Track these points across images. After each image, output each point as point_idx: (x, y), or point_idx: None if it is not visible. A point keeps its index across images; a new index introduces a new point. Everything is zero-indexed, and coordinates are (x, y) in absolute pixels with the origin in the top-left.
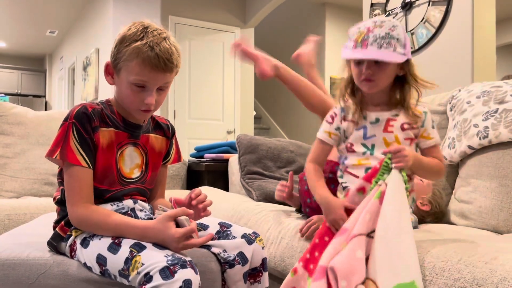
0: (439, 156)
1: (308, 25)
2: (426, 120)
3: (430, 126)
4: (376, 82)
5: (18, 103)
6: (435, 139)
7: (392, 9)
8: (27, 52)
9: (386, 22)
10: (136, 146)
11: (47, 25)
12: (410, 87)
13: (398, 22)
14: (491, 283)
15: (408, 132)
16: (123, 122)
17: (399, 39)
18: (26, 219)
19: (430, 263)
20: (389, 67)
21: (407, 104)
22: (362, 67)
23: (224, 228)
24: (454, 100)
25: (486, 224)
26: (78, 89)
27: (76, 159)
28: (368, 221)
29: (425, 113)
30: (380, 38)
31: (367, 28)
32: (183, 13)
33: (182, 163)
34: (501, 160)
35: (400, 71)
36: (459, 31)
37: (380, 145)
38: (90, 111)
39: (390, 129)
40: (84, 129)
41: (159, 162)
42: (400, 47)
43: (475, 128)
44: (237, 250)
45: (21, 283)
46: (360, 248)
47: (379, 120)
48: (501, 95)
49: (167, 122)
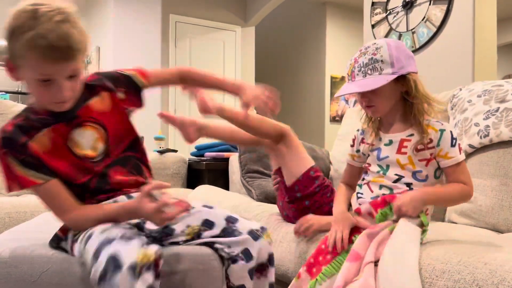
0: (461, 178)
1: (309, 24)
2: (442, 139)
3: (448, 145)
4: (376, 107)
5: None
6: (455, 158)
7: (393, 8)
8: None
9: (370, 48)
10: (81, 125)
11: None
12: (418, 103)
13: (383, 42)
14: (491, 284)
15: (424, 152)
16: (51, 116)
17: (384, 60)
18: (26, 217)
19: (430, 265)
20: (384, 90)
21: (417, 122)
22: (360, 96)
23: (230, 223)
24: (455, 99)
25: (486, 223)
26: None
27: (32, 181)
28: (376, 250)
29: (442, 131)
30: (364, 66)
31: (354, 59)
32: (184, 11)
33: (182, 162)
34: (502, 159)
35: (403, 88)
36: (460, 30)
37: (394, 165)
38: (10, 132)
39: (403, 150)
40: (18, 152)
41: (119, 118)
42: (387, 67)
43: (476, 127)
44: (242, 247)
45: (23, 281)
46: (371, 276)
47: (392, 141)
48: (502, 94)
49: (97, 75)
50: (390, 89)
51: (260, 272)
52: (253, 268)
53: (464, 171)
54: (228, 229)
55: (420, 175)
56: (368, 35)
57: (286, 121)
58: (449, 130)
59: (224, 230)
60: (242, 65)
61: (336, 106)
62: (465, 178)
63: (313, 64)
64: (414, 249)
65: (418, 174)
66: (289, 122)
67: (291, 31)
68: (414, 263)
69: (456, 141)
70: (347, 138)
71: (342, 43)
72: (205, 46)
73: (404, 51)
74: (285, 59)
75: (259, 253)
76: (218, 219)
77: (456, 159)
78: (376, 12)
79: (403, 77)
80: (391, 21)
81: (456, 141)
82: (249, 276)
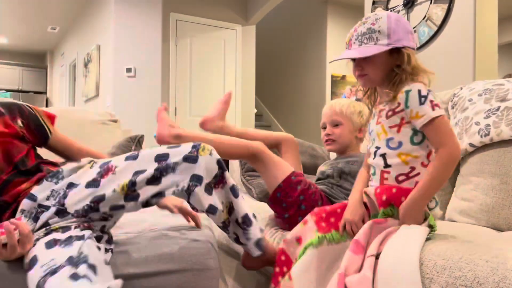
0: (437, 138)
1: (310, 22)
2: (409, 99)
3: (416, 104)
4: (368, 76)
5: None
6: (426, 115)
7: (394, 7)
8: (29, 49)
9: (370, 18)
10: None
11: (48, 21)
12: (403, 75)
13: (384, 14)
14: (492, 282)
15: (393, 118)
16: None
17: (381, 31)
18: None
19: (431, 261)
20: (376, 60)
21: (391, 87)
22: (354, 65)
23: (162, 162)
24: (456, 98)
25: (486, 222)
26: (79, 86)
27: None
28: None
29: (407, 92)
30: (361, 35)
31: (354, 29)
32: (185, 10)
33: None
34: (502, 158)
35: (396, 61)
36: (461, 29)
37: (376, 138)
38: None
39: (379, 120)
40: None
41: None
42: (383, 38)
43: (477, 126)
44: (187, 175)
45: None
46: (370, 268)
47: (374, 114)
48: (503, 93)
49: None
50: (383, 60)
51: (218, 183)
52: (209, 184)
53: (440, 129)
54: (161, 167)
55: (392, 142)
56: None
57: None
58: (417, 89)
59: (157, 169)
60: (243, 64)
61: None
62: (441, 137)
63: (314, 63)
64: (416, 245)
65: (390, 142)
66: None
67: (291, 30)
68: (415, 259)
69: (425, 98)
70: None
71: (343, 42)
72: (205, 45)
73: (404, 25)
74: (285, 57)
75: (207, 169)
76: (147, 165)
77: (427, 117)
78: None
79: (397, 50)
80: None
81: (425, 99)
82: (208, 193)
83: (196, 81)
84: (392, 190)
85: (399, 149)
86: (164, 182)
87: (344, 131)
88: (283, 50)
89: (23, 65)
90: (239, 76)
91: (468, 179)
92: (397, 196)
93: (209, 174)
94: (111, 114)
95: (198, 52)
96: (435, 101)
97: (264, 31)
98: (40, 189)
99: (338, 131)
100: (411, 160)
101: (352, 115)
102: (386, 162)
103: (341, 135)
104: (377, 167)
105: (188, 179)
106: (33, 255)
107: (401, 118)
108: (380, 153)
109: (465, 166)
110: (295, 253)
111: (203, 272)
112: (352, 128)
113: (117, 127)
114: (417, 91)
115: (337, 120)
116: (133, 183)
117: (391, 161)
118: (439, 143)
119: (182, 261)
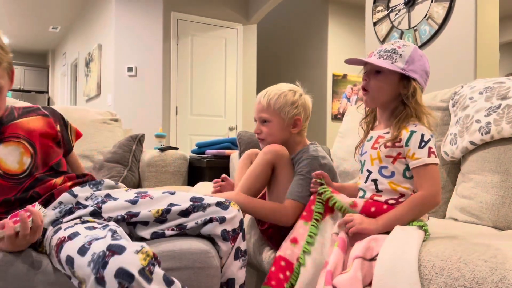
0: (423, 182)
1: (311, 21)
2: (411, 139)
3: (416, 146)
4: (371, 93)
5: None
6: (421, 159)
7: (395, 6)
8: (30, 48)
9: (400, 42)
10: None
11: (49, 21)
12: (407, 107)
13: (414, 46)
14: (491, 282)
15: (391, 149)
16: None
17: (403, 55)
18: None
19: (429, 261)
20: (384, 78)
21: (396, 121)
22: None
23: (196, 202)
24: (457, 96)
25: (486, 219)
26: (81, 85)
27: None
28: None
29: (412, 132)
30: (384, 51)
31: (381, 47)
32: (186, 9)
33: (183, 159)
34: (503, 156)
35: (403, 89)
36: (462, 28)
37: (368, 160)
38: None
39: (375, 146)
40: None
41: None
42: (401, 62)
43: (477, 123)
44: (214, 214)
45: (19, 279)
46: (359, 270)
47: (372, 138)
48: (504, 91)
49: (35, 105)
50: (390, 81)
51: (233, 239)
52: (227, 230)
53: (430, 176)
54: (196, 204)
55: (385, 170)
56: (370, 32)
57: None
58: (421, 133)
59: (191, 205)
60: (244, 63)
61: (338, 104)
62: (427, 183)
63: (315, 62)
64: (414, 246)
65: (384, 170)
66: None
67: (292, 29)
68: (413, 260)
69: (426, 144)
70: (348, 135)
71: (344, 41)
72: (206, 44)
73: (424, 64)
74: (286, 56)
75: (232, 219)
76: (182, 201)
77: (421, 161)
78: (378, 10)
79: (408, 80)
80: (393, 19)
81: (426, 144)
82: (221, 236)
83: (197, 80)
84: (383, 206)
85: (391, 179)
86: (191, 216)
87: (273, 129)
88: (284, 49)
89: (24, 64)
90: (240, 75)
91: (469, 177)
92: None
93: (232, 223)
94: (112, 113)
95: (199, 52)
96: (433, 149)
97: (265, 30)
98: (81, 190)
99: (266, 129)
100: (402, 190)
101: (282, 108)
102: (378, 188)
103: (270, 134)
104: (368, 191)
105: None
106: (74, 231)
107: (398, 152)
108: (372, 178)
109: (466, 164)
110: (294, 253)
111: (204, 270)
112: (283, 124)
113: (118, 126)
114: (421, 134)
115: (263, 117)
116: (167, 210)
117: (382, 187)
118: (420, 186)
119: (183, 259)
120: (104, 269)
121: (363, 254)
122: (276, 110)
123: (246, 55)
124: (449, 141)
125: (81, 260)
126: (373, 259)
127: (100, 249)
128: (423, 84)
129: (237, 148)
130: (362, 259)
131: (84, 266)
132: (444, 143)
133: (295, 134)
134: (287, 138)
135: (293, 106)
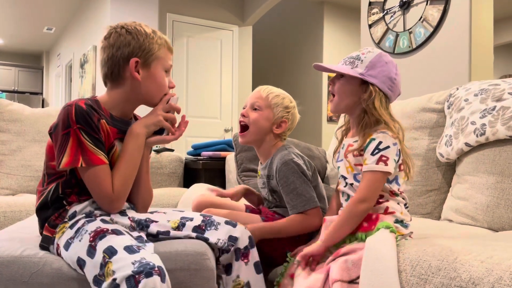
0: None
1: (306, 23)
2: (368, 146)
3: (369, 152)
4: (336, 98)
5: (15, 100)
6: (368, 165)
7: (390, 8)
8: (24, 49)
9: (367, 49)
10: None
11: (44, 22)
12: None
13: (379, 52)
14: (487, 282)
15: (358, 158)
16: (111, 118)
17: (364, 61)
18: (21, 216)
19: (426, 261)
20: (346, 82)
21: (359, 128)
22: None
23: (207, 218)
24: (452, 98)
25: (481, 221)
26: (75, 87)
27: (100, 159)
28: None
29: (371, 140)
30: (349, 58)
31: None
32: (181, 10)
33: (179, 161)
34: (498, 157)
35: (363, 94)
36: (457, 30)
37: (342, 167)
38: (86, 108)
39: (347, 155)
40: (91, 129)
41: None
42: (361, 67)
43: (472, 125)
44: (228, 234)
45: (14, 280)
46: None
47: (344, 145)
48: (499, 93)
49: None
50: (351, 87)
51: (245, 256)
52: (238, 249)
53: (369, 181)
54: (206, 220)
55: (359, 176)
56: (365, 35)
57: None
58: (379, 140)
59: (203, 221)
60: (239, 65)
61: None
62: (363, 187)
63: (310, 63)
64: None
65: (358, 176)
66: None
67: (288, 31)
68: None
69: (379, 151)
70: None
71: (339, 43)
72: (202, 46)
73: (389, 71)
74: (282, 58)
75: (241, 236)
76: (193, 215)
77: (367, 167)
78: (373, 12)
79: (367, 85)
80: (388, 21)
81: (379, 152)
82: (235, 256)
83: (192, 82)
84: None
85: None
86: (206, 234)
87: (260, 118)
88: (279, 50)
89: (19, 65)
90: (235, 76)
91: (464, 178)
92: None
93: (241, 241)
94: None
95: (195, 53)
96: (386, 157)
97: (261, 32)
98: None
99: (254, 115)
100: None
101: (276, 106)
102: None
103: (255, 121)
104: (350, 194)
105: (227, 238)
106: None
107: (365, 159)
108: (350, 182)
109: (461, 166)
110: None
111: (199, 272)
112: (271, 118)
113: None
114: (378, 142)
115: (257, 103)
116: (183, 224)
117: None
118: (359, 191)
119: (178, 261)
120: (146, 278)
121: (341, 276)
122: (271, 103)
123: (242, 56)
124: (445, 143)
125: (126, 255)
126: (353, 281)
127: (151, 260)
128: (386, 90)
129: (233, 150)
130: (341, 282)
131: (127, 261)
132: (440, 144)
133: (275, 134)
134: (267, 134)
135: (286, 110)
